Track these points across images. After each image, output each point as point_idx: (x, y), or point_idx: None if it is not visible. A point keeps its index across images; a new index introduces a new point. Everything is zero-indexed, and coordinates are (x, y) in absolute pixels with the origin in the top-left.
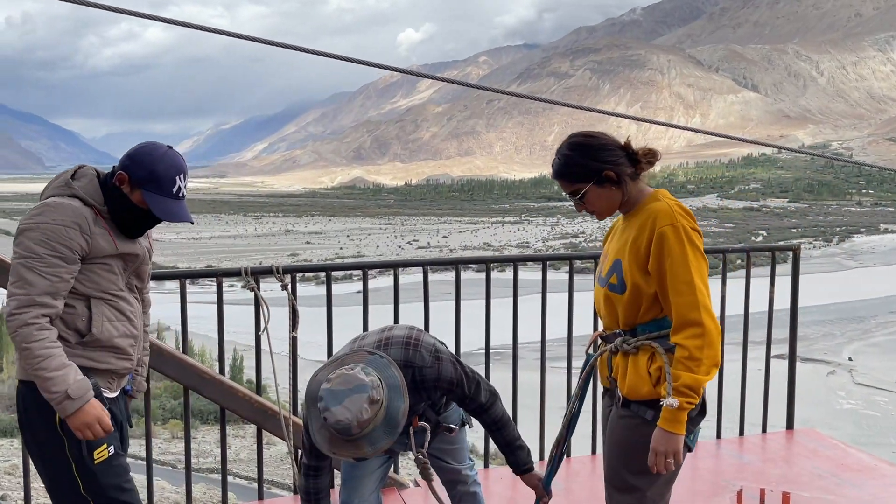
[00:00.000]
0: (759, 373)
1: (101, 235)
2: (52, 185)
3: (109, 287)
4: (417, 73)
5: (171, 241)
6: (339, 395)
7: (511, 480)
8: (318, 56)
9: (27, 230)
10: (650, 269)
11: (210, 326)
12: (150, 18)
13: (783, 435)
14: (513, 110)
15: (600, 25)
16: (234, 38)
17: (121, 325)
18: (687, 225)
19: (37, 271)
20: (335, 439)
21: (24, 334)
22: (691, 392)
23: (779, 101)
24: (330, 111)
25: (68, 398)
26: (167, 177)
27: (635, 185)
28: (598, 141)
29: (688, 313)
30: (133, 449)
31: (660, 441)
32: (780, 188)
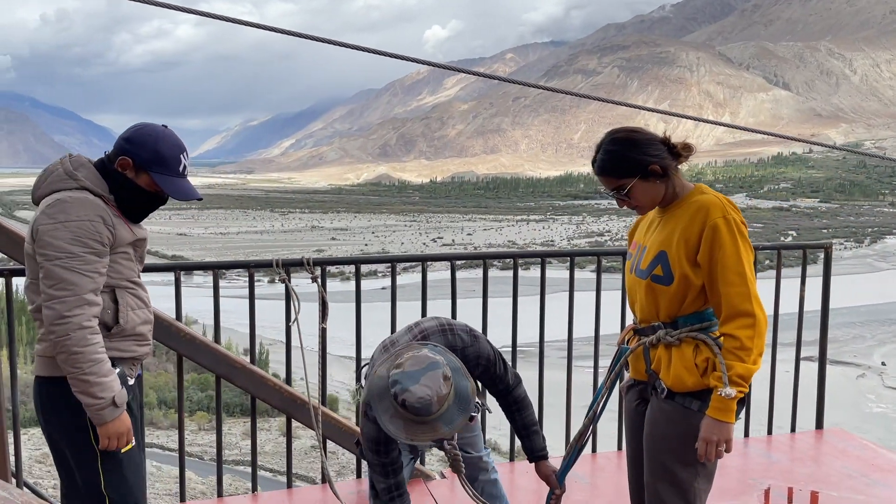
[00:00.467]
0: (788, 374)
1: (119, 225)
2: (51, 180)
3: (130, 275)
4: (447, 67)
5: (199, 235)
6: (414, 375)
7: (535, 474)
8: (344, 54)
9: (53, 230)
10: (700, 261)
11: (235, 320)
12: (186, 11)
13: (812, 435)
14: (539, 108)
15: (629, 22)
16: (269, 31)
17: (141, 312)
18: (737, 217)
19: (77, 271)
20: (411, 424)
21: (77, 338)
22: (743, 381)
23: (810, 99)
24: (356, 108)
25: (112, 405)
26: (172, 156)
27: (679, 179)
28: (642, 135)
29: (740, 304)
30: (161, 440)
31: (712, 430)
32: (810, 188)
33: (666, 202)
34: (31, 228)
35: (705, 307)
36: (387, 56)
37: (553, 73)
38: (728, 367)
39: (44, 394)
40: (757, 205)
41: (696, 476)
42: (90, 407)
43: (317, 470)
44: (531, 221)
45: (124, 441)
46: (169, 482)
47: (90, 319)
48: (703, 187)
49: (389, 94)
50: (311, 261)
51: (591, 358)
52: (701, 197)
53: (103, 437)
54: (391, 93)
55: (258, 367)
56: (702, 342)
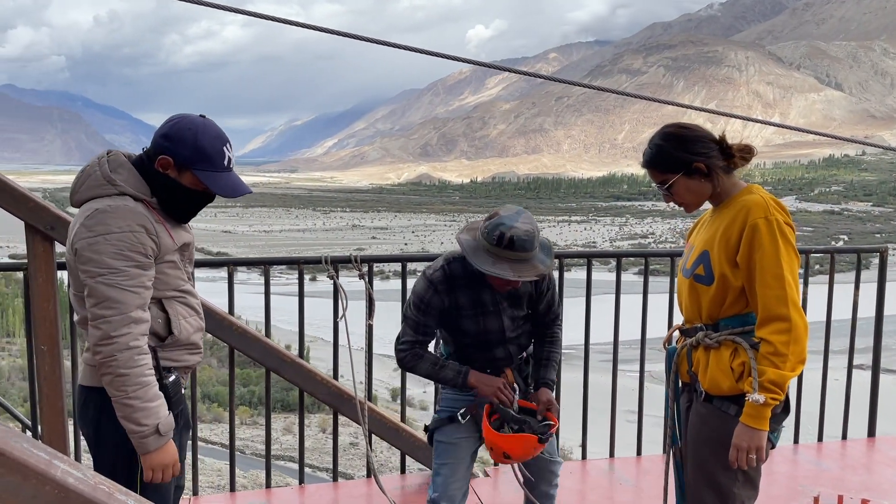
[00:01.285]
0: (840, 381)
1: (162, 233)
2: (89, 184)
3: (178, 284)
4: (491, 65)
5: (243, 233)
6: (513, 216)
7: (580, 474)
8: (387, 54)
9: (94, 244)
10: (739, 261)
11: (277, 316)
12: (234, 11)
13: (864, 443)
14: (582, 108)
15: (676, 21)
16: (316, 31)
17: (193, 320)
18: (781, 219)
19: (122, 287)
20: (517, 263)
21: (124, 359)
22: (776, 388)
23: (864, 100)
24: (398, 108)
25: (156, 434)
26: (215, 150)
27: (727, 179)
28: (692, 132)
29: (775, 307)
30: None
31: (742, 437)
32: (863, 191)
33: (717, 201)
34: (70, 241)
35: (748, 310)
36: (432, 55)
37: (597, 72)
38: (760, 372)
39: (86, 403)
40: (807, 208)
41: (736, 481)
42: (133, 434)
43: (356, 467)
44: (573, 223)
45: (169, 474)
46: (211, 475)
47: (138, 339)
48: (754, 187)
49: (431, 93)
50: (358, 258)
51: (635, 362)
52: (748, 197)
53: (147, 469)
54: (433, 92)
55: (312, 368)
56: (739, 345)
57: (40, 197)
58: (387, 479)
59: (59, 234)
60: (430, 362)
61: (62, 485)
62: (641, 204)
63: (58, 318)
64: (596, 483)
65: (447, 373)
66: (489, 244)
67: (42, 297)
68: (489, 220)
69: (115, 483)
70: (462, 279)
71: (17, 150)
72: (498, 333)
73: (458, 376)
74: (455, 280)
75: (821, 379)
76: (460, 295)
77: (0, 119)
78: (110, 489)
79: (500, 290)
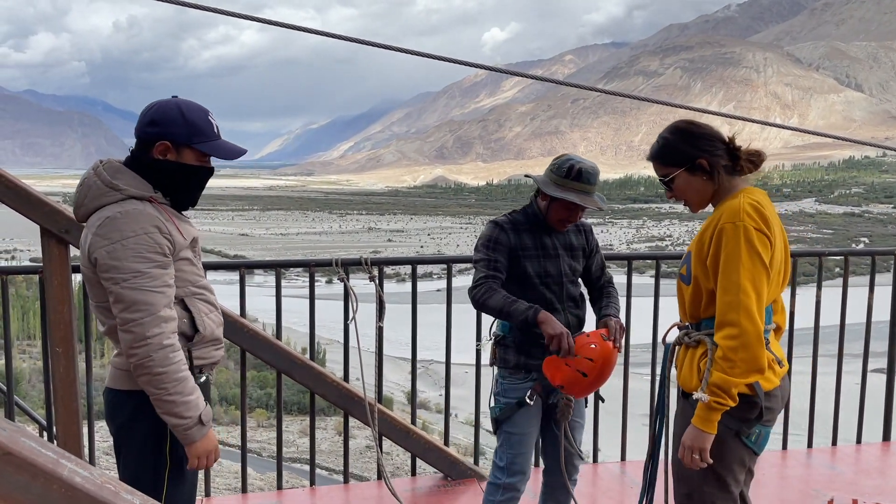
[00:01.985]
0: (855, 386)
1: (173, 230)
2: (93, 194)
3: (196, 280)
4: (508, 71)
5: (260, 236)
6: (578, 156)
7: (592, 477)
8: (402, 57)
9: (112, 252)
10: (708, 265)
11: (293, 319)
12: (249, 19)
13: (879, 447)
14: (598, 110)
15: (693, 22)
16: (335, 39)
17: (214, 316)
18: (750, 225)
19: (146, 289)
20: (583, 194)
21: (160, 358)
22: (720, 392)
23: (885, 101)
24: (414, 111)
25: (200, 424)
26: (204, 120)
27: (729, 181)
28: (699, 129)
29: (727, 313)
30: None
31: (688, 435)
32: (884, 193)
33: (714, 203)
34: (86, 253)
35: None
36: (444, 61)
37: (613, 74)
38: (711, 373)
39: (117, 406)
40: (827, 210)
41: (705, 480)
42: (177, 427)
43: (371, 470)
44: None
45: (213, 459)
46: (228, 477)
47: (170, 337)
48: (747, 190)
49: (447, 96)
50: (369, 261)
51: (648, 365)
52: (731, 201)
53: (192, 458)
54: (448, 95)
55: (317, 364)
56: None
57: (60, 201)
58: (398, 481)
59: (74, 238)
60: (503, 296)
61: (69, 484)
62: (658, 206)
63: (73, 321)
64: (607, 486)
65: (519, 306)
66: (559, 177)
67: (57, 299)
68: (557, 159)
69: (122, 483)
70: (524, 225)
71: (38, 154)
72: (557, 277)
73: (529, 310)
74: (519, 224)
75: (835, 383)
76: (525, 236)
77: (22, 124)
78: (116, 488)
79: (559, 229)
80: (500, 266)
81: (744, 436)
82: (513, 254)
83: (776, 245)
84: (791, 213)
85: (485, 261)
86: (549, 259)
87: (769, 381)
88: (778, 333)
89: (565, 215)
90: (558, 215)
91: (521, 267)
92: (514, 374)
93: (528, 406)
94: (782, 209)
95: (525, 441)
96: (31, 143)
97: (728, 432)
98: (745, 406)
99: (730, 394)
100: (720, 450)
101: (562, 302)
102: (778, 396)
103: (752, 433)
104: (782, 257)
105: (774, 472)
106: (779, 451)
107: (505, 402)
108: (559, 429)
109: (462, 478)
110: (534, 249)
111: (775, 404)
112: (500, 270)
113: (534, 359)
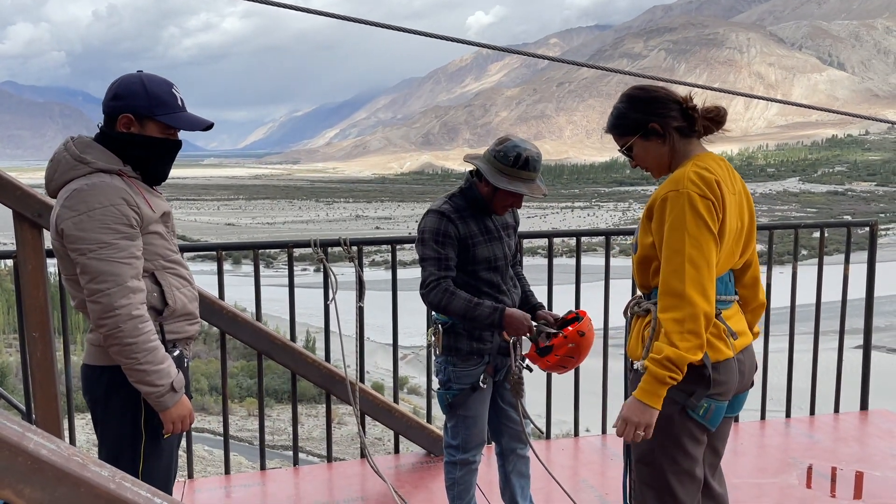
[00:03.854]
0: (832, 359)
1: (141, 203)
2: (62, 169)
3: (167, 254)
4: (497, 48)
5: (246, 225)
6: (522, 141)
7: (573, 451)
8: (387, 43)
9: (79, 223)
10: (653, 234)
11: (282, 308)
12: None
13: (856, 416)
14: (584, 93)
15: (676, 4)
16: (324, 16)
17: (187, 290)
18: (693, 191)
19: (114, 260)
20: (529, 183)
21: (129, 328)
22: (672, 366)
23: (867, 79)
24: (399, 97)
25: (172, 391)
26: (167, 93)
27: (686, 144)
28: (649, 93)
29: (669, 281)
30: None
31: (630, 409)
32: (867, 171)
33: (673, 169)
34: (53, 225)
35: None
36: (440, 39)
37: (598, 57)
38: (655, 346)
39: (93, 381)
40: (811, 189)
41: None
42: (150, 395)
43: None
44: (576, 209)
45: (188, 423)
46: (220, 466)
47: (138, 307)
48: (698, 158)
49: (432, 82)
50: (347, 241)
51: None
52: (679, 169)
53: (167, 423)
54: (434, 81)
55: (303, 350)
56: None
57: (43, 193)
58: (380, 459)
59: (47, 221)
60: (465, 299)
61: (35, 456)
62: (644, 188)
63: (48, 305)
64: (588, 459)
65: (483, 310)
66: (504, 165)
67: (32, 284)
68: (500, 144)
69: (90, 455)
70: (467, 210)
71: (18, 146)
72: (503, 259)
73: (494, 314)
74: (461, 211)
75: (811, 353)
76: (470, 223)
77: (1, 116)
78: (84, 461)
79: (501, 214)
80: (451, 263)
81: (690, 409)
82: (462, 243)
83: (729, 212)
84: (775, 192)
85: (434, 260)
86: (494, 242)
87: (719, 351)
88: (749, 307)
89: (511, 202)
90: (504, 202)
91: (471, 254)
92: (466, 361)
93: (482, 389)
94: (766, 189)
95: (479, 420)
96: (10, 135)
97: (673, 406)
98: (692, 377)
99: (682, 369)
100: (665, 423)
101: (506, 283)
102: (732, 369)
103: (700, 406)
104: (739, 225)
105: (753, 441)
106: (757, 421)
107: (459, 388)
108: (514, 405)
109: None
110: (480, 235)
111: (727, 377)
112: (451, 268)
113: (485, 342)
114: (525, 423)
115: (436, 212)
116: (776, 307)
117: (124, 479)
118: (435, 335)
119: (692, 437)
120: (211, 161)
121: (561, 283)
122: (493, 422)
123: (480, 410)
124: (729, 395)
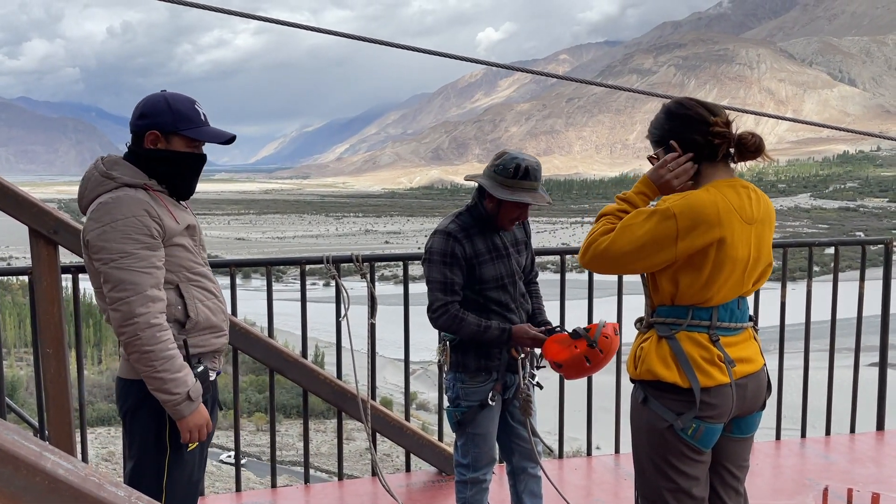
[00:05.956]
0: (847, 377)
1: (165, 215)
2: (91, 186)
3: (192, 266)
4: (504, 66)
5: (256, 239)
6: (519, 152)
7: (585, 470)
8: (397, 59)
9: (102, 234)
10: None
11: (291, 323)
12: (248, 17)
13: (873, 436)
14: (593, 108)
15: (686, 20)
16: (333, 35)
17: (211, 303)
18: (669, 208)
19: (134, 269)
20: (532, 192)
21: (147, 336)
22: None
23: (878, 95)
24: (409, 112)
25: (188, 400)
26: (191, 108)
27: (709, 167)
28: (683, 109)
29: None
30: (221, 440)
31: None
32: (879, 187)
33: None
34: (82, 238)
35: (678, 302)
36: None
37: (607, 73)
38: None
39: (124, 394)
40: (822, 205)
41: (647, 466)
42: (167, 403)
43: (370, 472)
44: (585, 224)
45: (204, 433)
46: (229, 481)
47: (157, 316)
48: (717, 183)
49: (442, 97)
50: (359, 257)
51: None
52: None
53: (184, 432)
54: (444, 96)
55: (315, 367)
56: (653, 331)
57: (56, 208)
58: (392, 477)
59: (63, 239)
60: (474, 324)
61: (52, 476)
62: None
63: (63, 321)
64: (601, 479)
65: (491, 333)
66: (505, 178)
67: (47, 300)
68: (498, 158)
69: (107, 475)
70: (473, 228)
71: (32, 161)
72: (510, 277)
73: (503, 335)
74: (468, 229)
75: (827, 374)
76: (477, 241)
77: (16, 131)
78: (100, 480)
79: (508, 229)
80: (458, 287)
81: (678, 429)
82: (469, 262)
83: (736, 240)
84: (787, 208)
85: (440, 283)
86: (501, 260)
87: (710, 377)
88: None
89: (517, 214)
90: (510, 215)
91: (478, 273)
92: (474, 378)
93: (490, 406)
94: (777, 205)
95: (488, 437)
96: (25, 150)
97: (663, 423)
98: (681, 398)
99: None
100: (657, 440)
101: (515, 300)
102: (726, 394)
103: (689, 426)
104: (748, 255)
105: (768, 461)
106: (772, 441)
107: (467, 406)
108: (524, 424)
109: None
110: (487, 253)
111: (719, 401)
112: (457, 292)
113: (493, 359)
114: (535, 442)
115: (442, 232)
116: (790, 324)
117: (140, 500)
118: (443, 352)
119: (683, 455)
120: (222, 176)
121: (574, 299)
122: (503, 440)
123: (490, 428)
124: (723, 419)
